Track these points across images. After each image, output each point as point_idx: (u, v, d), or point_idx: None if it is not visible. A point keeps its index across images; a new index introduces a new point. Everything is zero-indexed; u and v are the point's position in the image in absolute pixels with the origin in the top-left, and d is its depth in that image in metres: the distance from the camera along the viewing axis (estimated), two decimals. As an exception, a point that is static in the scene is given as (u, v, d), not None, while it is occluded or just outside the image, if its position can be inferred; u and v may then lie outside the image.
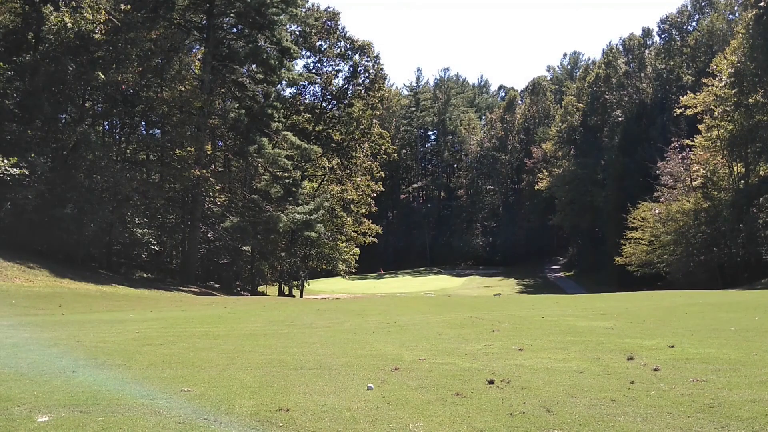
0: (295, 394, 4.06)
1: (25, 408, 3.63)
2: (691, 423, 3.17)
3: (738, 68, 38.02)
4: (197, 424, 3.29)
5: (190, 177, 29.72)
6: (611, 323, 8.47)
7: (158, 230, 32.41)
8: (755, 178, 39.27)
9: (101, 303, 17.68)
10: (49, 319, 11.41)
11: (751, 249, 36.49)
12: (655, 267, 41.08)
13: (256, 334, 7.37)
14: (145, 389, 4.18)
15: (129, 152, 32.57)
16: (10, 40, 25.34)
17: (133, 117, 31.75)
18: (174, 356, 5.70)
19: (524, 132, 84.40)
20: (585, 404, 3.59)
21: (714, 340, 6.44)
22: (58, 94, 26.54)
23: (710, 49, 56.67)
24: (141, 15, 27.71)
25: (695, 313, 10.25)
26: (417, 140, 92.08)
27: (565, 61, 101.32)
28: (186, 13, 32.53)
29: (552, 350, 5.85)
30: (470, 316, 10.07)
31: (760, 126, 37.74)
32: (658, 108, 58.57)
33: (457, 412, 3.46)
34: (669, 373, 4.54)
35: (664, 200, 42.63)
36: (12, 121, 24.25)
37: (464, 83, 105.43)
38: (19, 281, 18.82)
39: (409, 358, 5.39)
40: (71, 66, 25.55)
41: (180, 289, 26.73)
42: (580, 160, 64.74)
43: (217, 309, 15.82)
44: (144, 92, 29.68)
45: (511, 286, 60.16)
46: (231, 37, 34.79)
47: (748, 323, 8.22)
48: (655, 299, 16.15)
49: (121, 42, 26.55)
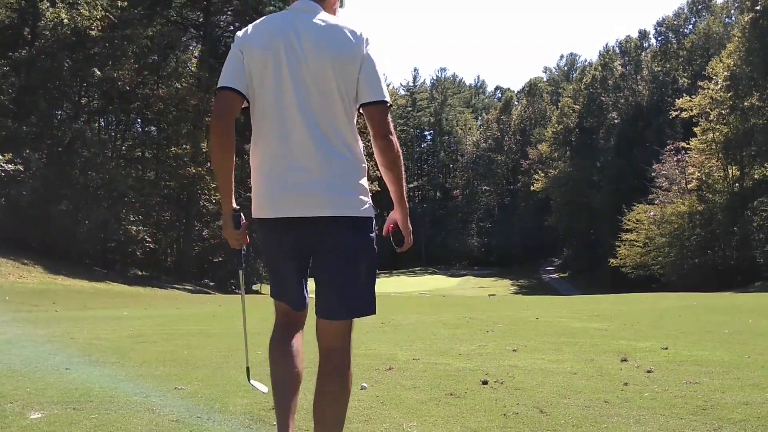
0: (288, 393, 4.04)
1: (18, 405, 3.62)
2: (684, 425, 3.18)
3: (734, 71, 38.17)
4: (190, 422, 3.28)
5: (186, 175, 29.68)
6: (605, 325, 8.49)
7: (153, 228, 32.37)
8: (750, 182, 39.43)
9: (95, 300, 17.64)
10: (43, 315, 11.38)
11: (745, 252, 36.63)
12: (649, 269, 41.18)
13: (250, 333, 7.36)
14: (139, 387, 4.17)
15: (125, 149, 32.51)
16: (6, 36, 25.26)
17: (129, 114, 31.71)
18: (168, 354, 5.69)
19: (520, 133, 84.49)
20: (578, 405, 3.59)
21: (707, 343, 6.46)
22: (53, 90, 26.48)
23: (706, 52, 56.82)
24: (138, 12, 27.68)
25: (689, 315, 10.28)
26: (413, 140, 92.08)
27: (562, 63, 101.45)
28: (183, 10, 32.53)
29: (546, 351, 5.85)
30: (465, 317, 10.08)
31: (755, 129, 37.89)
32: (654, 110, 58.72)
33: (450, 413, 3.46)
34: (662, 374, 4.55)
35: (659, 202, 42.75)
36: (7, 117, 24.18)
37: (461, 83, 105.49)
38: (13, 277, 18.77)
39: (403, 357, 5.39)
40: (67, 62, 25.49)
41: (175, 287, 26.69)
42: (575, 162, 64.83)
43: (211, 307, 15.83)
44: (140, 89, 29.65)
45: (505, 286, 60.23)
46: (228, 35, 34.79)
47: (741, 326, 8.26)
48: (649, 301, 16.20)
49: (117, 39, 26.51)
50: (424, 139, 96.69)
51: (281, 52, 2.11)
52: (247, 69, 2.14)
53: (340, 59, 2.09)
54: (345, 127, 2.13)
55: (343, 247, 2.15)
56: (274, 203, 2.15)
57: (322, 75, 2.09)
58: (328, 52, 2.09)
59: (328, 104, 2.10)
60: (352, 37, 2.13)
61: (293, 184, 2.10)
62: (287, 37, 2.11)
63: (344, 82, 2.10)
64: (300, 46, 2.10)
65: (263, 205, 2.20)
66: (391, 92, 27.85)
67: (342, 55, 2.09)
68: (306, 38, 2.10)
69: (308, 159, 2.09)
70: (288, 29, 2.13)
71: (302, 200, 2.09)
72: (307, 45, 2.10)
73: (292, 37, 2.11)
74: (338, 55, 2.09)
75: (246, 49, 2.15)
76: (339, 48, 2.10)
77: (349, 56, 2.10)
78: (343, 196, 2.11)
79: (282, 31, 2.13)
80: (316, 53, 2.09)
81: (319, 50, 2.09)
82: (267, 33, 2.15)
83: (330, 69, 2.09)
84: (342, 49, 2.10)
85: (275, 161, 2.15)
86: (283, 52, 2.11)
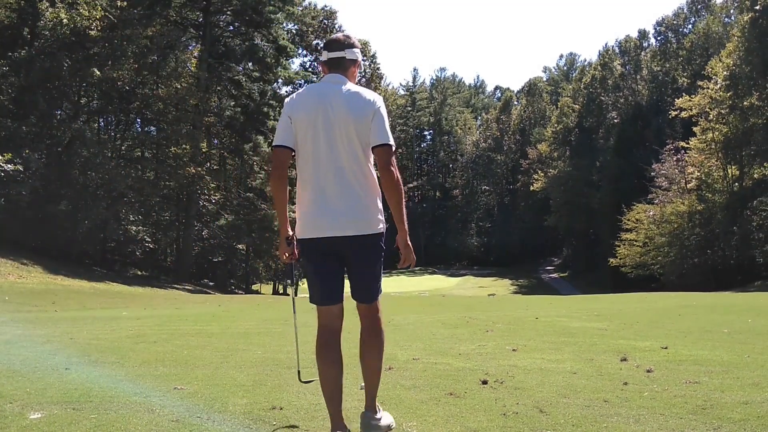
0: (288, 392, 4.06)
1: (18, 405, 3.62)
2: (684, 424, 3.18)
3: (733, 71, 38.16)
4: (190, 422, 3.28)
5: (185, 175, 29.66)
6: (605, 324, 8.49)
7: (153, 228, 32.36)
8: (749, 181, 39.43)
9: (95, 300, 17.63)
10: (42, 315, 11.38)
11: (745, 251, 36.63)
12: (649, 269, 41.17)
13: (250, 333, 7.37)
14: (138, 387, 4.17)
15: (124, 149, 32.50)
16: (6, 36, 25.23)
17: (128, 114, 31.69)
18: (167, 354, 5.69)
19: (520, 133, 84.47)
20: (578, 405, 3.59)
21: (707, 342, 6.47)
22: (53, 90, 26.45)
23: (706, 52, 56.81)
24: (137, 12, 27.66)
25: (688, 315, 10.29)
26: (413, 140, 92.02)
27: (562, 63, 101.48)
28: (182, 10, 32.49)
29: (545, 351, 5.86)
30: (464, 316, 10.08)
31: (754, 129, 37.90)
32: (654, 110, 58.72)
33: (450, 412, 3.47)
34: (662, 374, 4.56)
35: (659, 202, 42.73)
36: (7, 117, 24.16)
37: (460, 83, 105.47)
38: (13, 278, 18.76)
39: (403, 357, 5.40)
40: (67, 62, 25.46)
41: (174, 287, 26.69)
42: (575, 162, 64.81)
43: (211, 307, 15.81)
44: (140, 89, 29.63)
45: (505, 286, 60.22)
46: (227, 35, 34.77)
47: (741, 325, 8.26)
48: (648, 301, 16.20)
49: (117, 38, 26.46)
50: (423, 138, 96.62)
51: (319, 119, 2.95)
52: (295, 130, 3.00)
53: (359, 118, 2.95)
54: (364, 166, 3.00)
55: (364, 256, 3.06)
56: (316, 228, 3.00)
57: (347, 133, 2.95)
58: (352, 116, 2.95)
59: (352, 153, 2.96)
60: (368, 99, 2.99)
61: (328, 215, 2.96)
62: (323, 107, 2.96)
63: (362, 133, 2.96)
64: (333, 113, 2.95)
65: (308, 230, 3.03)
66: (390, 92, 27.83)
67: (361, 115, 2.95)
68: (336, 106, 2.96)
69: (338, 200, 2.96)
70: (324, 100, 2.98)
71: (334, 225, 2.96)
72: (338, 112, 2.95)
73: (327, 107, 2.96)
74: (358, 116, 2.95)
75: (293, 115, 3.00)
76: (359, 110, 2.96)
77: (366, 114, 2.96)
78: (361, 222, 2.98)
79: (320, 102, 2.98)
80: (344, 117, 2.94)
81: (346, 115, 2.94)
82: (309, 103, 3.00)
83: (353, 127, 2.95)
84: (361, 111, 2.96)
85: (314, 203, 3.00)
86: (321, 119, 2.95)
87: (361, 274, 3.10)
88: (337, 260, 3.05)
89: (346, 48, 3.11)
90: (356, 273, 3.10)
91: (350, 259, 3.05)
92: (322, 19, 47.38)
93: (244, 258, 37.43)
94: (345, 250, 3.01)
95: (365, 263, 3.07)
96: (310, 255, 3.06)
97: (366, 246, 3.02)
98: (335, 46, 3.11)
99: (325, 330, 3.08)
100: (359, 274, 3.10)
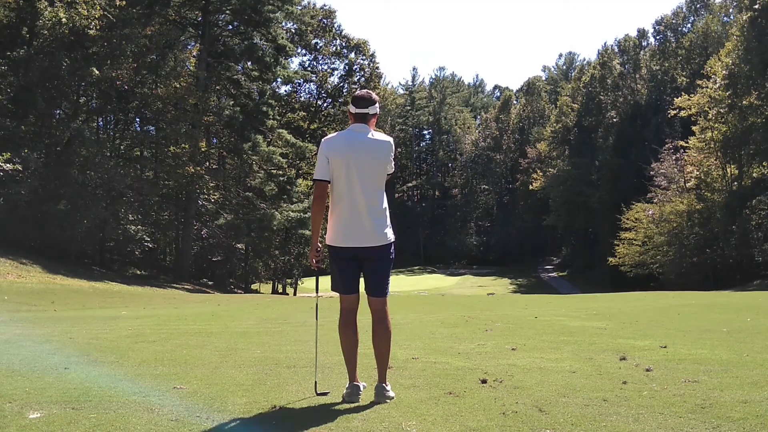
0: (287, 392, 4.06)
1: (17, 404, 3.61)
2: (683, 423, 3.18)
3: (732, 70, 38.15)
4: (189, 422, 3.28)
5: (185, 174, 29.60)
6: (604, 323, 8.50)
7: (152, 227, 32.34)
8: (748, 180, 39.44)
9: (94, 299, 17.62)
10: (42, 315, 11.37)
11: (744, 251, 36.65)
12: (648, 268, 41.19)
13: (249, 332, 7.37)
14: (138, 386, 4.17)
15: (123, 149, 32.45)
16: (4, 35, 25.17)
17: (127, 113, 31.65)
18: (167, 353, 5.69)
19: (519, 132, 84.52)
20: (577, 404, 3.60)
21: (706, 341, 6.47)
22: (52, 89, 26.39)
23: (705, 51, 56.85)
24: (136, 11, 27.59)
25: (688, 313, 10.30)
26: (412, 139, 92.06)
27: (561, 62, 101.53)
28: (181, 9, 32.44)
29: (545, 350, 5.86)
30: (464, 316, 10.09)
31: (753, 128, 37.89)
32: (653, 109, 58.74)
33: (449, 411, 3.47)
34: (661, 373, 4.56)
35: (658, 201, 42.76)
36: (5, 117, 24.12)
37: (459, 83, 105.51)
38: (12, 277, 18.73)
39: (402, 356, 5.40)
40: (65, 61, 25.41)
41: (173, 287, 26.67)
42: (574, 161, 64.86)
43: (210, 306, 15.80)
44: (138, 89, 29.58)
45: (504, 285, 60.26)
46: (226, 34, 34.70)
47: (740, 324, 8.27)
48: (647, 300, 16.22)
49: (115, 38, 26.40)
50: (422, 138, 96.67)
51: (351, 161, 3.86)
52: (331, 167, 3.89)
53: (381, 159, 3.94)
54: (381, 195, 3.97)
55: (380, 261, 3.96)
56: (344, 239, 3.91)
57: (373, 171, 3.90)
58: (375, 158, 3.92)
59: (374, 186, 3.91)
60: (387, 142, 4.01)
61: (358, 231, 3.88)
62: (353, 151, 3.88)
63: (382, 168, 3.95)
64: (361, 156, 3.88)
65: (338, 240, 3.92)
66: (390, 92, 27.92)
67: (382, 157, 3.95)
68: (363, 151, 3.89)
69: (363, 220, 3.88)
70: (353, 146, 3.90)
71: (358, 237, 3.88)
72: (365, 155, 3.89)
73: (356, 151, 3.88)
74: (381, 158, 3.94)
75: (330, 155, 3.89)
76: (380, 154, 3.95)
77: (386, 155, 3.97)
78: (379, 235, 3.91)
79: (350, 147, 3.90)
80: (370, 160, 3.90)
81: (371, 158, 3.90)
82: (341, 147, 3.91)
83: (377, 167, 3.92)
84: (382, 154, 3.95)
85: (345, 221, 3.90)
86: (352, 161, 3.86)
87: (375, 273, 3.97)
88: (357, 263, 3.95)
89: (369, 105, 4.02)
90: (371, 273, 3.98)
91: (368, 263, 3.95)
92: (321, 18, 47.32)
93: (243, 257, 37.42)
94: (364, 256, 3.92)
95: (380, 265, 3.96)
96: (338, 257, 3.96)
97: (381, 252, 3.93)
98: (362, 103, 4.01)
99: (346, 311, 4.00)
100: (374, 274, 3.98)
